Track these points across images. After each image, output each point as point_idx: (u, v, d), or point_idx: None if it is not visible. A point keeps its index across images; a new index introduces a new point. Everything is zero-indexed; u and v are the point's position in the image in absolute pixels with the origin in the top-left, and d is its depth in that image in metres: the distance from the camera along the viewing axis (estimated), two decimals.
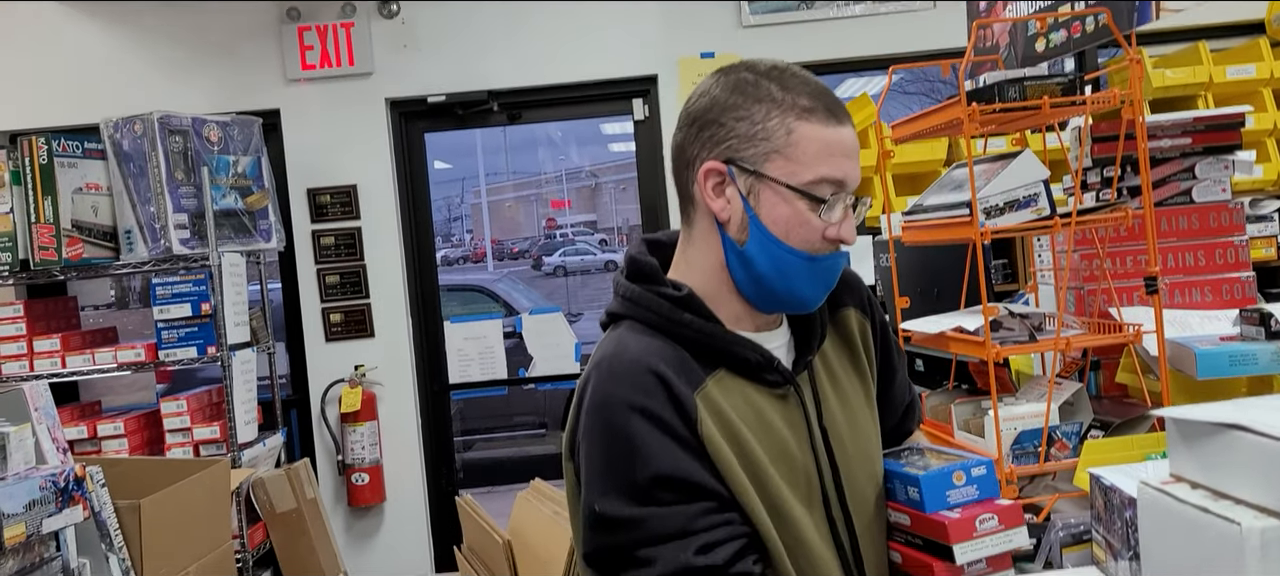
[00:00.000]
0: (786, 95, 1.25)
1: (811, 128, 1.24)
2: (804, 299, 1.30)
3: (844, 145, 1.26)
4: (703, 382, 1.26)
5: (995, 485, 1.30)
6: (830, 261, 1.28)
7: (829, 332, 1.41)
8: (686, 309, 1.29)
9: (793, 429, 1.30)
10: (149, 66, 4.30)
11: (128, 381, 4.42)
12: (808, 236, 1.25)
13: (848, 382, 1.41)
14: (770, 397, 1.30)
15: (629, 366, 1.25)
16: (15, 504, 1.92)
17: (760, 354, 1.30)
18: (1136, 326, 1.84)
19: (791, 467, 1.28)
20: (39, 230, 3.46)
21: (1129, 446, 1.71)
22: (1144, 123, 1.82)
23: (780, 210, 1.25)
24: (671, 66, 4.26)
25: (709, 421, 1.23)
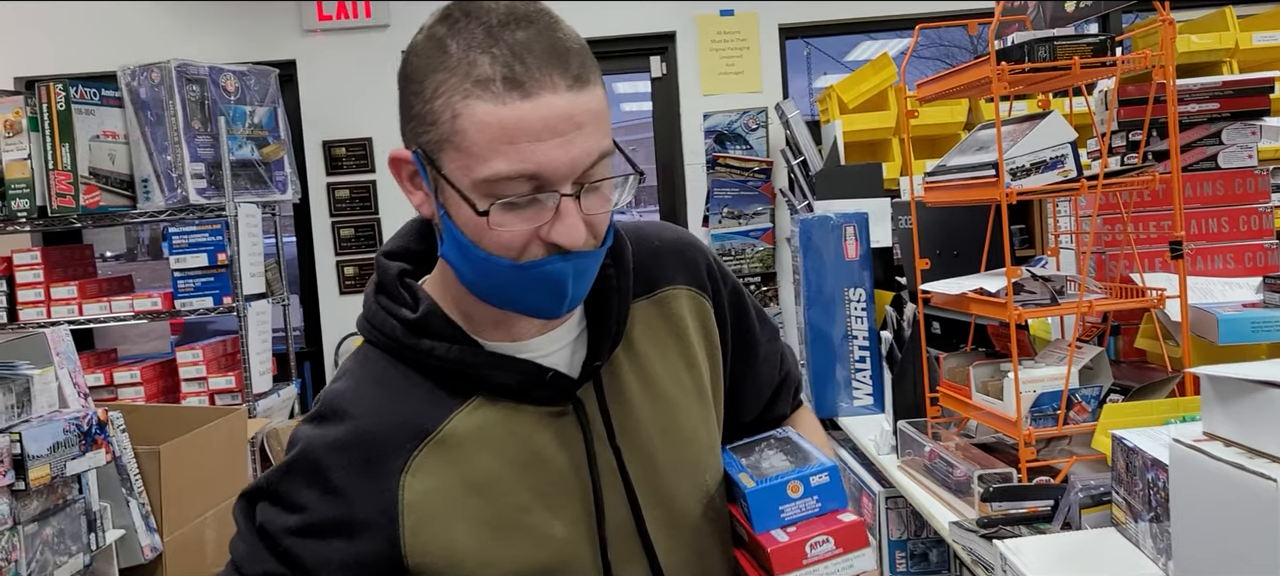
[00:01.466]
0: (461, 60, 0.95)
1: (482, 108, 0.93)
2: (535, 309, 1.04)
3: (533, 126, 0.93)
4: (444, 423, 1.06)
5: (841, 494, 1.10)
6: (544, 268, 0.99)
7: (644, 321, 1.18)
8: (422, 333, 1.07)
9: (571, 453, 1.09)
10: (166, 14, 4.29)
11: (143, 330, 4.45)
12: (503, 243, 0.98)
13: (669, 379, 1.17)
14: (544, 418, 1.09)
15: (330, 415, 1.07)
16: (40, 446, 1.94)
17: (522, 373, 1.07)
18: (1159, 291, 1.83)
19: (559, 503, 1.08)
20: (56, 177, 3.47)
21: (1148, 410, 1.71)
22: (1174, 86, 1.81)
23: (463, 212, 0.98)
24: (690, 23, 4.23)
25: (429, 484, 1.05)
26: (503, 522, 1.06)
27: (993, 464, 1.82)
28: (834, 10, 4.21)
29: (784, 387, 1.36)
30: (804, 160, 3.70)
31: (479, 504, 1.06)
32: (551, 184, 0.95)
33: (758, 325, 1.31)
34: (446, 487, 1.05)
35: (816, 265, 2.72)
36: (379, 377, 1.09)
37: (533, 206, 0.97)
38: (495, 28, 0.96)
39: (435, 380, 1.08)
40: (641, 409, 1.14)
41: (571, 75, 0.97)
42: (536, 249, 0.98)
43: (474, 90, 0.94)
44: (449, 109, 0.95)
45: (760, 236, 4.14)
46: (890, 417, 2.34)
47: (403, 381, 1.08)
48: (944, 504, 1.89)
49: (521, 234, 0.97)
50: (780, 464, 1.14)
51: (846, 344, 2.72)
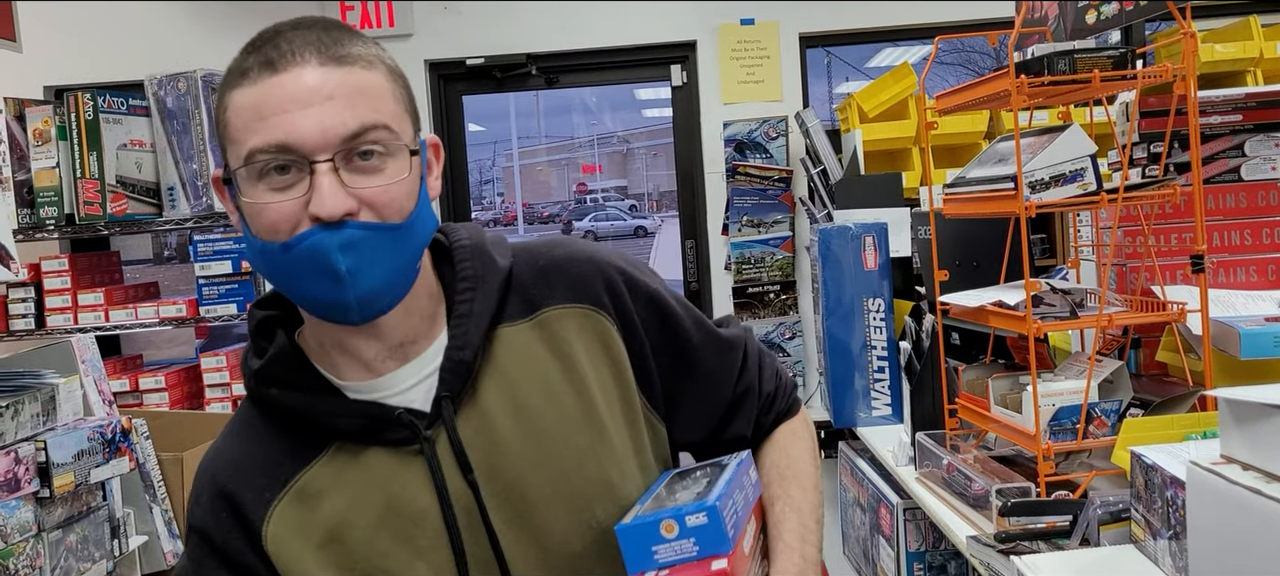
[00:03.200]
0: (234, 65, 1.01)
1: (241, 94, 0.99)
2: (313, 294, 1.01)
3: (279, 99, 0.96)
4: (301, 473, 1.07)
5: (722, 537, 0.99)
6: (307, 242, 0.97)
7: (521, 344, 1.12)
8: (267, 382, 1.08)
9: (429, 493, 1.06)
10: (193, 24, 4.33)
11: (168, 336, 4.49)
12: (270, 223, 0.98)
13: (547, 407, 1.11)
14: (399, 459, 1.06)
15: (201, 475, 1.11)
16: (65, 453, 1.96)
17: (367, 416, 1.06)
18: (1180, 305, 1.82)
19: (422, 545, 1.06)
20: (84, 185, 3.51)
21: (1169, 425, 1.70)
22: (1196, 98, 1.80)
23: (245, 200, 1.00)
24: (711, 32, 4.24)
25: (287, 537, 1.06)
26: (366, 569, 1.05)
27: (1011, 477, 1.81)
28: (855, 19, 4.21)
29: (741, 405, 1.26)
30: (824, 169, 3.69)
31: (339, 553, 1.05)
32: (303, 153, 0.96)
33: (695, 338, 1.22)
34: (305, 538, 1.05)
35: (835, 275, 2.72)
36: (240, 431, 1.11)
37: (296, 185, 0.97)
38: (271, 32, 1.02)
39: (290, 428, 1.08)
40: (510, 440, 1.09)
41: (330, 55, 0.99)
42: (305, 225, 0.98)
43: (236, 82, 1.00)
44: (223, 108, 1.01)
45: (779, 245, 4.14)
46: (908, 429, 2.33)
47: (264, 432, 1.09)
48: (962, 517, 1.89)
49: (284, 213, 0.97)
50: (688, 496, 1.05)
51: (865, 354, 2.72)
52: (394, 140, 1.01)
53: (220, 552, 1.07)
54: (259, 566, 1.06)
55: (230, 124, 1.00)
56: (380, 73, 1.03)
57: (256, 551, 1.06)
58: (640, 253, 15.39)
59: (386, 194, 0.99)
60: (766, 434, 1.29)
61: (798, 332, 4.17)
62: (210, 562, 1.07)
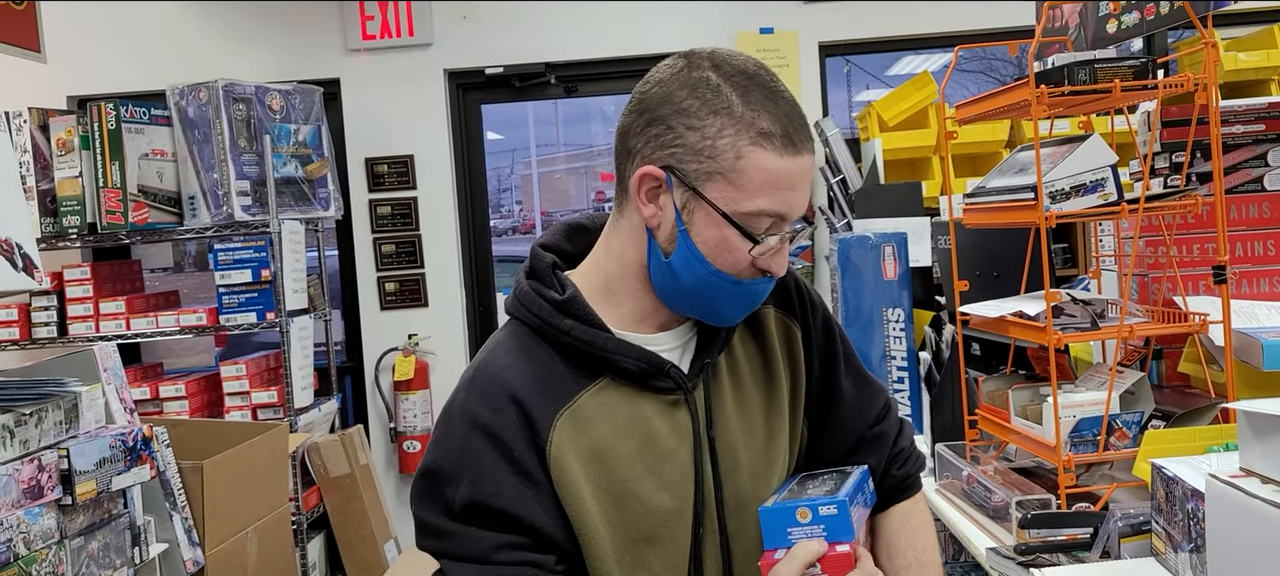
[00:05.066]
0: (747, 111, 1.15)
1: (764, 156, 1.14)
2: (722, 316, 1.24)
3: (795, 177, 1.16)
4: (575, 398, 1.21)
5: (847, 527, 1.18)
6: (756, 287, 1.21)
7: (740, 334, 1.33)
8: (567, 314, 1.23)
9: (680, 437, 1.24)
10: (214, 34, 4.36)
11: (188, 344, 4.52)
12: (735, 263, 1.17)
13: (754, 390, 1.32)
14: (659, 404, 1.24)
15: (487, 380, 1.22)
16: (87, 461, 1.98)
17: (646, 361, 1.23)
18: (1202, 315, 1.80)
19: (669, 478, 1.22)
20: (106, 194, 3.54)
21: (1191, 437, 1.69)
22: (1217, 108, 1.78)
23: (711, 232, 1.17)
24: (730, 41, 4.24)
25: (565, 447, 1.18)
26: (619, 490, 1.20)
27: (1032, 489, 1.80)
28: (874, 28, 4.20)
29: (874, 444, 1.39)
30: (843, 178, 3.69)
31: (600, 471, 1.19)
32: (789, 222, 1.18)
33: (844, 369, 1.39)
34: (577, 453, 1.19)
35: (855, 284, 2.71)
36: (526, 350, 1.23)
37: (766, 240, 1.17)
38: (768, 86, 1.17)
39: (570, 359, 1.23)
40: (731, 410, 1.28)
41: (812, 142, 1.20)
42: (750, 271, 1.19)
43: (759, 141, 1.14)
44: (733, 149, 1.14)
45: (799, 255, 4.13)
46: (928, 440, 2.32)
47: (545, 356, 1.23)
48: (981, 529, 1.87)
49: (749, 259, 1.17)
50: (819, 491, 1.22)
51: (885, 364, 2.71)
52: None
53: (504, 448, 1.16)
54: (536, 468, 1.17)
55: (744, 173, 1.14)
56: None
57: (537, 454, 1.17)
58: None
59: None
60: (892, 491, 1.40)
61: None
62: (491, 455, 1.16)
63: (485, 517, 1.16)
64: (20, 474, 1.85)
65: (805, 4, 4.21)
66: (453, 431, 1.20)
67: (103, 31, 4.36)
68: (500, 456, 1.17)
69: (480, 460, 1.17)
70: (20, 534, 1.85)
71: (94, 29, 4.35)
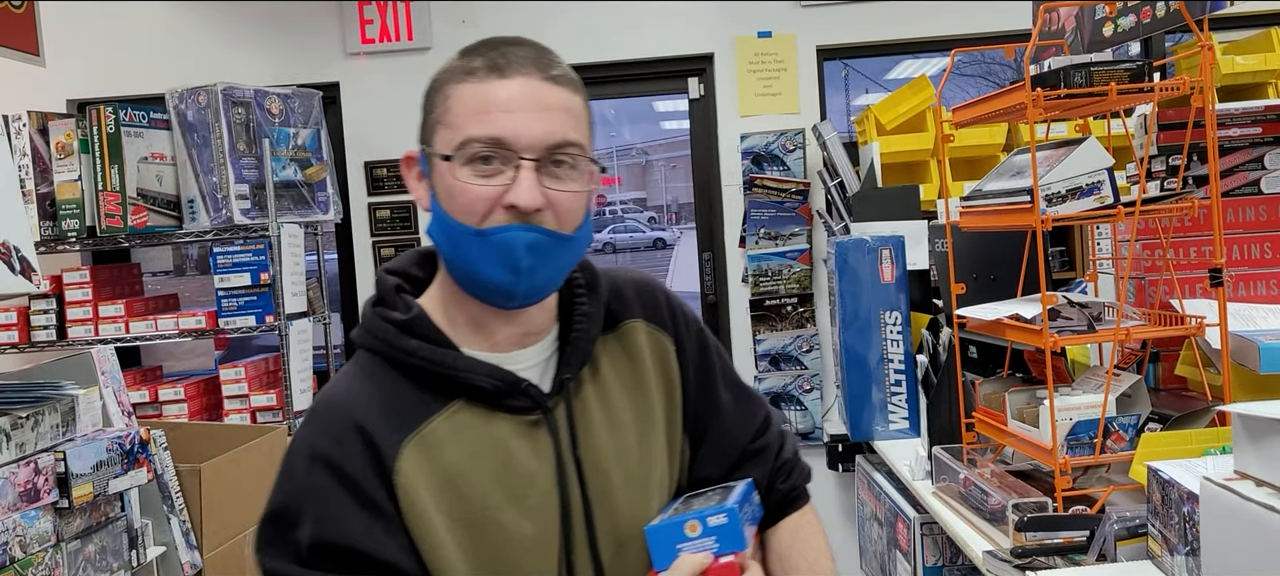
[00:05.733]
0: (460, 62, 1.16)
1: (467, 88, 1.13)
2: (488, 279, 1.13)
3: (507, 100, 1.11)
4: (426, 422, 1.15)
5: (739, 537, 1.14)
6: (502, 235, 1.11)
7: (608, 354, 1.27)
8: (412, 334, 1.17)
9: (541, 459, 1.17)
10: (213, 38, 4.37)
11: (187, 347, 4.52)
12: (468, 204, 1.11)
13: (625, 408, 1.26)
14: (517, 426, 1.17)
15: (328, 410, 1.15)
16: (84, 464, 1.98)
17: (499, 379, 1.17)
18: (1199, 318, 1.81)
19: (531, 504, 1.16)
20: (106, 198, 3.54)
21: (1187, 440, 1.69)
22: (1213, 111, 1.79)
23: (444, 180, 1.13)
24: (728, 45, 4.24)
25: (414, 475, 1.12)
26: (477, 519, 1.14)
27: (1028, 492, 1.80)
28: (872, 32, 4.20)
29: (758, 457, 1.34)
30: (841, 181, 3.69)
31: (454, 499, 1.13)
32: (514, 149, 1.10)
33: (722, 382, 1.35)
34: (427, 481, 1.12)
35: (852, 287, 2.71)
36: (371, 377, 1.18)
37: (498, 176, 1.11)
38: (484, 43, 1.16)
39: (420, 382, 1.17)
40: (600, 432, 1.22)
41: (548, 74, 1.14)
42: (499, 217, 1.11)
43: (463, 77, 1.13)
44: (442, 95, 1.15)
45: (797, 258, 4.13)
46: (925, 442, 2.32)
47: (392, 381, 1.17)
48: (978, 532, 1.88)
49: (483, 198, 1.11)
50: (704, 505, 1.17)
51: (882, 367, 2.71)
52: (582, 159, 1.16)
53: (348, 480, 1.10)
54: (385, 499, 1.11)
55: (449, 111, 1.13)
56: (580, 99, 1.19)
57: (384, 483, 1.11)
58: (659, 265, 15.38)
59: (568, 201, 1.14)
60: (780, 504, 1.35)
61: (815, 345, 4.16)
62: (336, 490, 1.10)
63: (335, 558, 1.09)
64: (16, 477, 1.85)
65: (803, 8, 4.21)
66: (293, 469, 1.13)
67: (102, 35, 4.36)
68: (345, 490, 1.10)
69: (324, 496, 1.10)
70: (16, 537, 1.85)
71: (93, 32, 4.36)
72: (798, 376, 4.16)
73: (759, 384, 4.18)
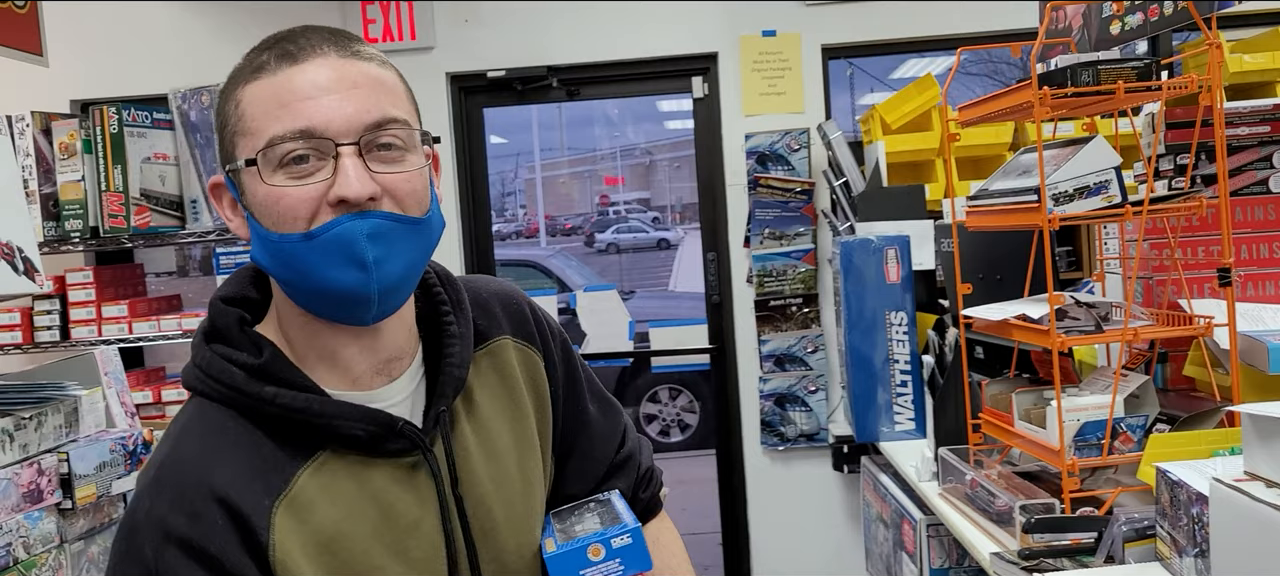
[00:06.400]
0: (244, 64, 1.03)
1: (258, 85, 1.00)
2: (335, 286, 0.98)
3: (305, 86, 0.98)
4: (293, 481, 1.00)
5: (644, 555, 1.09)
6: (335, 229, 0.97)
7: (480, 371, 1.16)
8: (267, 380, 1.01)
9: (423, 505, 1.06)
10: (216, 38, 4.37)
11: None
12: (288, 211, 0.97)
13: (503, 432, 1.16)
14: (394, 470, 1.05)
15: (177, 478, 0.98)
16: (87, 465, 1.97)
17: (374, 422, 1.03)
18: (1207, 318, 1.80)
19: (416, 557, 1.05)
20: (109, 198, 3.54)
21: (1196, 441, 1.68)
22: (1222, 110, 1.78)
23: (256, 194, 0.99)
24: (733, 44, 4.23)
25: (289, 545, 0.97)
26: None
27: (1036, 493, 1.79)
28: (877, 30, 4.19)
29: (623, 469, 1.29)
30: (846, 181, 3.68)
31: (333, 565, 1.00)
32: (328, 136, 0.97)
33: (588, 394, 1.28)
34: (302, 549, 0.99)
35: (857, 288, 2.70)
36: (219, 433, 1.01)
37: (317, 172, 0.98)
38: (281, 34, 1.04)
39: (277, 434, 1.02)
40: (479, 465, 1.12)
41: (348, 50, 1.02)
42: (326, 215, 0.97)
43: (250, 77, 1.01)
44: (233, 102, 1.01)
45: (802, 258, 4.12)
46: (932, 443, 2.31)
47: (247, 435, 1.01)
48: (985, 534, 1.87)
49: (305, 199, 0.97)
50: (591, 526, 1.13)
51: (888, 367, 2.70)
52: (411, 135, 1.03)
53: (212, 563, 0.94)
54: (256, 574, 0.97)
55: (244, 116, 1.00)
56: (393, 73, 1.06)
57: (257, 560, 0.96)
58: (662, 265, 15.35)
59: (407, 183, 1.01)
60: (643, 514, 1.29)
61: (820, 346, 4.15)
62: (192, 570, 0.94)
63: None
64: (20, 478, 1.85)
65: (808, 6, 4.20)
66: (138, 552, 0.95)
67: (105, 35, 4.36)
68: (207, 573, 0.94)
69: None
70: (20, 538, 1.84)
71: (96, 32, 4.36)
72: (803, 377, 4.14)
73: (763, 384, 4.17)
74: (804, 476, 4.16)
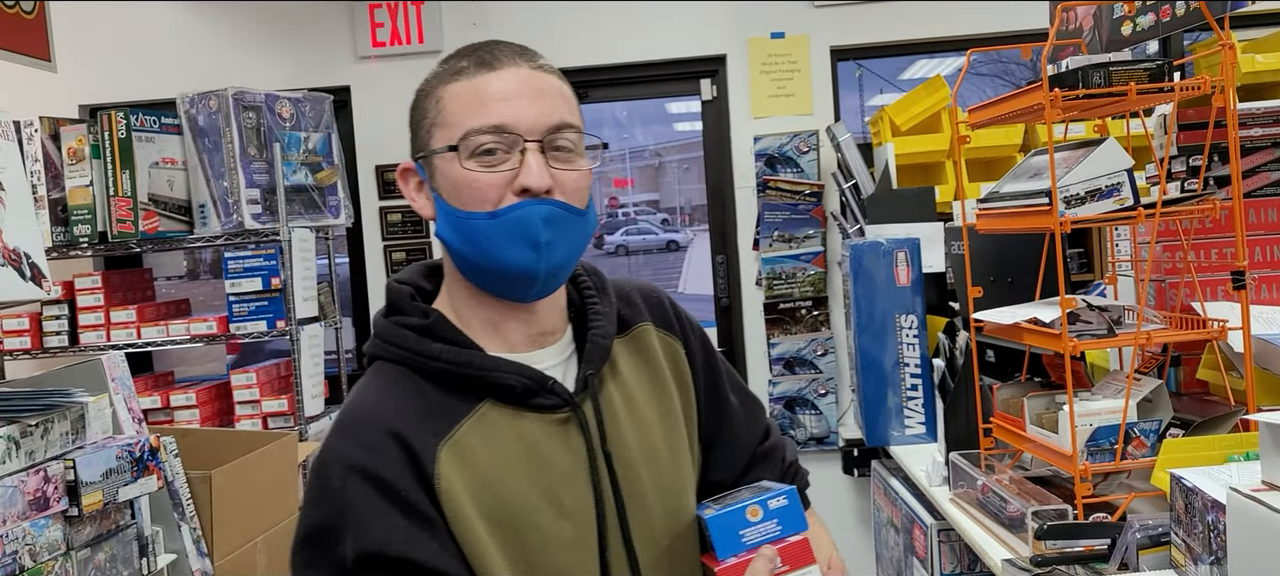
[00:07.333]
0: (445, 68, 1.19)
1: (458, 86, 1.16)
2: (510, 263, 1.13)
3: (501, 89, 1.15)
4: (456, 426, 1.13)
5: (799, 517, 1.16)
6: (518, 211, 1.12)
7: (624, 351, 1.28)
8: (433, 337, 1.17)
9: (574, 457, 1.17)
10: (224, 43, 4.37)
11: (199, 353, 4.52)
12: (479, 193, 1.13)
13: (647, 406, 1.27)
14: (547, 425, 1.17)
15: (357, 421, 1.12)
16: (93, 472, 1.97)
17: (527, 377, 1.16)
18: (1221, 322, 1.77)
19: (568, 505, 1.15)
20: (117, 203, 3.54)
21: (1210, 446, 1.66)
22: (1235, 111, 1.75)
23: (449, 176, 1.15)
24: (741, 46, 4.22)
25: (453, 479, 1.10)
26: (516, 523, 1.12)
27: (1048, 498, 1.77)
28: (887, 32, 4.17)
29: (767, 460, 1.38)
30: (855, 183, 3.66)
31: (493, 503, 1.11)
32: (517, 134, 1.13)
33: (727, 383, 1.38)
34: (466, 486, 1.10)
35: (867, 290, 2.69)
36: (394, 385, 1.16)
37: (504, 163, 1.13)
38: (464, 48, 1.20)
39: (445, 386, 1.16)
40: (627, 429, 1.22)
41: (535, 62, 1.19)
42: (510, 199, 1.13)
43: (453, 78, 1.17)
44: (433, 99, 1.18)
45: (811, 260, 4.10)
46: (942, 448, 2.29)
47: (416, 388, 1.16)
48: (997, 539, 1.85)
49: (494, 184, 1.13)
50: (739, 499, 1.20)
51: (898, 370, 2.68)
52: (580, 140, 1.19)
53: (388, 489, 1.07)
54: (427, 505, 1.08)
55: (444, 110, 1.16)
56: (568, 87, 1.23)
57: (426, 489, 1.09)
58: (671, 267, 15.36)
59: (576, 181, 1.17)
60: None
61: (830, 349, 4.13)
62: (376, 499, 1.07)
63: (383, 570, 1.05)
64: (26, 485, 1.84)
65: (816, 8, 4.18)
66: (327, 485, 1.09)
67: (113, 40, 4.37)
68: (386, 499, 1.07)
69: (364, 506, 1.06)
70: (26, 545, 1.83)
71: (104, 37, 4.36)
72: (812, 380, 4.13)
73: (773, 388, 4.15)
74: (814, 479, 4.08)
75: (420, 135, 1.20)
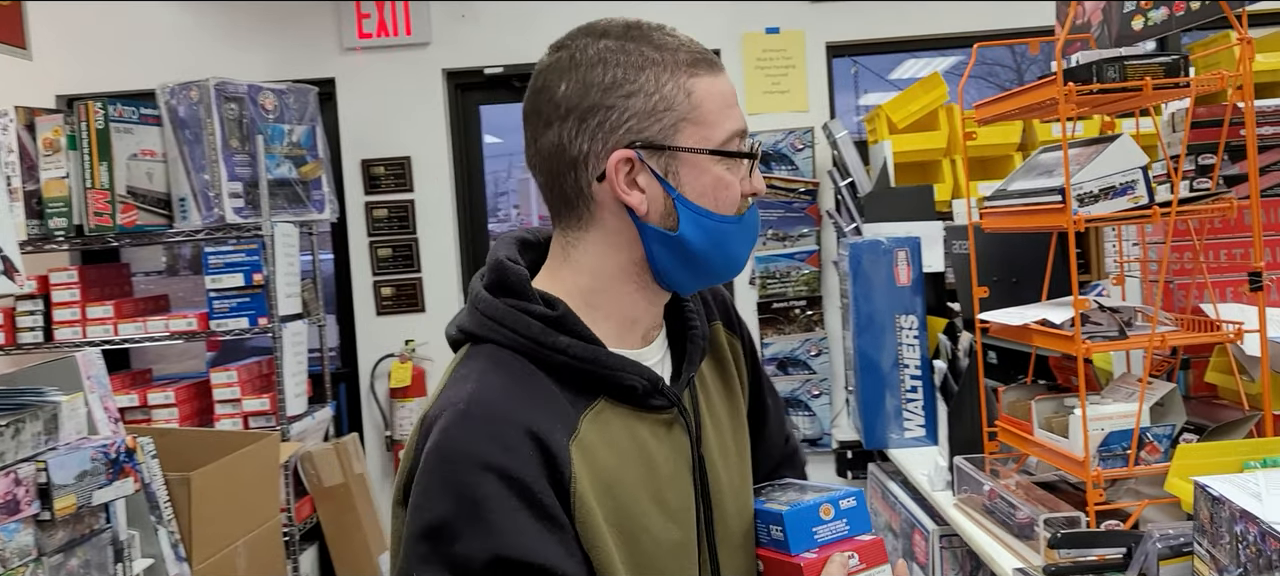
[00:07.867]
0: (664, 54, 1.13)
1: (706, 82, 1.13)
2: (741, 264, 1.19)
3: (733, 93, 1.17)
4: (578, 423, 1.09)
5: (866, 518, 1.17)
6: (752, 216, 1.18)
7: None
8: (562, 331, 1.11)
9: (678, 458, 1.16)
10: (205, 32, 4.29)
11: (178, 350, 4.44)
12: (732, 198, 1.14)
13: (721, 404, 1.28)
14: (654, 426, 1.15)
15: (490, 413, 1.05)
16: (66, 474, 1.90)
17: (646, 378, 1.13)
18: (1236, 324, 1.73)
19: (674, 507, 1.14)
20: (94, 196, 3.46)
21: (1226, 452, 1.61)
22: (1252, 108, 1.71)
23: (703, 180, 1.12)
24: (735, 41, 4.17)
25: (584, 481, 1.05)
26: (631, 526, 1.09)
27: (1056, 504, 1.73)
28: (883, 28, 4.13)
29: (792, 459, 1.41)
30: (852, 181, 3.61)
31: (613, 506, 1.08)
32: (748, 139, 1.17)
33: (766, 386, 1.39)
34: (592, 487, 1.06)
35: (866, 290, 2.63)
36: (519, 377, 1.10)
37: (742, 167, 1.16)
38: (654, 28, 1.17)
39: (564, 381, 1.11)
40: (709, 427, 1.22)
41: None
42: (742, 204, 1.16)
43: (694, 71, 1.13)
44: (681, 89, 1.11)
45: (805, 259, 4.05)
46: (945, 452, 2.24)
47: (540, 380, 1.10)
48: (1005, 547, 1.80)
49: (739, 189, 1.15)
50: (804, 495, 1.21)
51: (897, 372, 2.63)
52: None
53: (525, 491, 1.02)
54: (560, 509, 1.04)
55: (699, 105, 1.12)
56: None
57: (561, 493, 1.04)
58: None
59: None
60: None
61: (824, 349, 4.08)
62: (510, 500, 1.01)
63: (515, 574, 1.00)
64: None
65: (812, 3, 4.13)
66: (456, 478, 1.02)
67: (91, 28, 4.29)
68: (521, 500, 1.01)
69: (498, 506, 1.00)
70: None
71: (82, 26, 4.28)
72: (806, 381, 4.08)
73: None
74: None
75: (643, 125, 1.11)
